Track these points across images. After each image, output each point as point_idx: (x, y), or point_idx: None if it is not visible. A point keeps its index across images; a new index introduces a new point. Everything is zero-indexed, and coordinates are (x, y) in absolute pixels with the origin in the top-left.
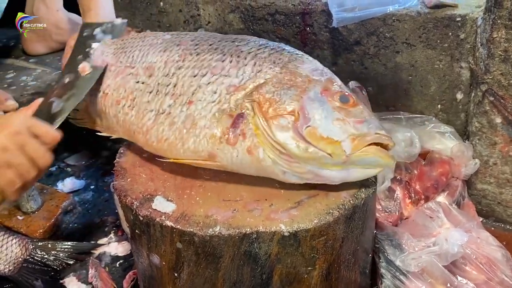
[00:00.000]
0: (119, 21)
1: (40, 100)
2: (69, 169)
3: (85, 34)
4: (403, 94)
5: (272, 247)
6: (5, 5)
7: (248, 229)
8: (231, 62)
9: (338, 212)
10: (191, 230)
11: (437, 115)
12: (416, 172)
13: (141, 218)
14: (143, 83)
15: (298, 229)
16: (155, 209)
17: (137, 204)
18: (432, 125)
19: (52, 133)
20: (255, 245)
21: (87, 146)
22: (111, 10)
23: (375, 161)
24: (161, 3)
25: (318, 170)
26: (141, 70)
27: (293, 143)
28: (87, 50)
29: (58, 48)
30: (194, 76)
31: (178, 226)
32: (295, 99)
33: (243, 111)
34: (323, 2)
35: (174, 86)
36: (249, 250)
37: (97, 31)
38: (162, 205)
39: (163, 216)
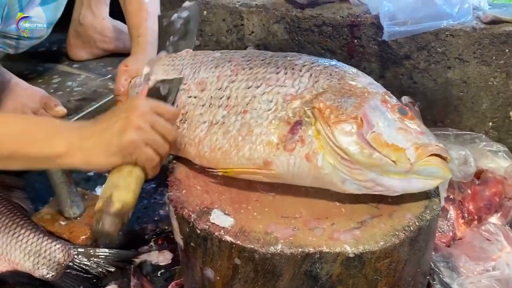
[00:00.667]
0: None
1: (146, 89)
2: (107, 174)
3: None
4: (452, 110)
5: (335, 268)
6: (60, 14)
7: (311, 249)
8: (286, 74)
9: (404, 234)
10: (252, 246)
11: (487, 132)
12: (469, 191)
13: (198, 232)
14: (195, 97)
15: (364, 251)
16: (213, 223)
17: (195, 217)
18: (484, 143)
19: (172, 109)
20: (317, 265)
21: None
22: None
23: (437, 171)
24: (205, 12)
25: (380, 178)
26: (193, 85)
27: (357, 148)
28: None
29: (101, 55)
30: (248, 88)
31: (238, 242)
32: (357, 106)
33: (301, 118)
34: (373, 15)
35: (228, 98)
36: (310, 270)
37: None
38: (220, 219)
39: (222, 231)
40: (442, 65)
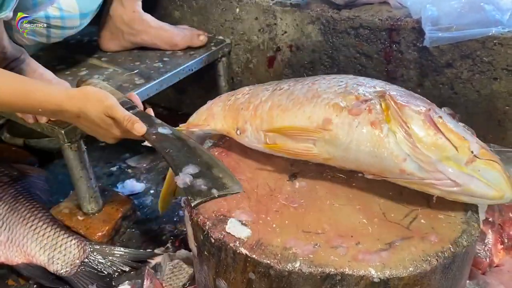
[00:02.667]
0: None
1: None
2: (129, 170)
3: None
4: (496, 125)
5: None
6: (96, 5)
7: (332, 269)
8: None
9: (437, 260)
10: (268, 262)
11: None
12: (511, 215)
13: (213, 241)
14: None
15: (391, 276)
16: (229, 233)
17: (210, 224)
18: None
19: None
20: (338, 287)
21: (149, 147)
22: None
23: (498, 179)
24: (237, 10)
25: (441, 164)
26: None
27: (423, 126)
28: None
29: (129, 47)
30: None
31: (254, 256)
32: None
33: (371, 98)
34: (414, 19)
35: (292, 93)
36: None
37: None
38: (237, 229)
39: (237, 242)
40: (487, 75)
